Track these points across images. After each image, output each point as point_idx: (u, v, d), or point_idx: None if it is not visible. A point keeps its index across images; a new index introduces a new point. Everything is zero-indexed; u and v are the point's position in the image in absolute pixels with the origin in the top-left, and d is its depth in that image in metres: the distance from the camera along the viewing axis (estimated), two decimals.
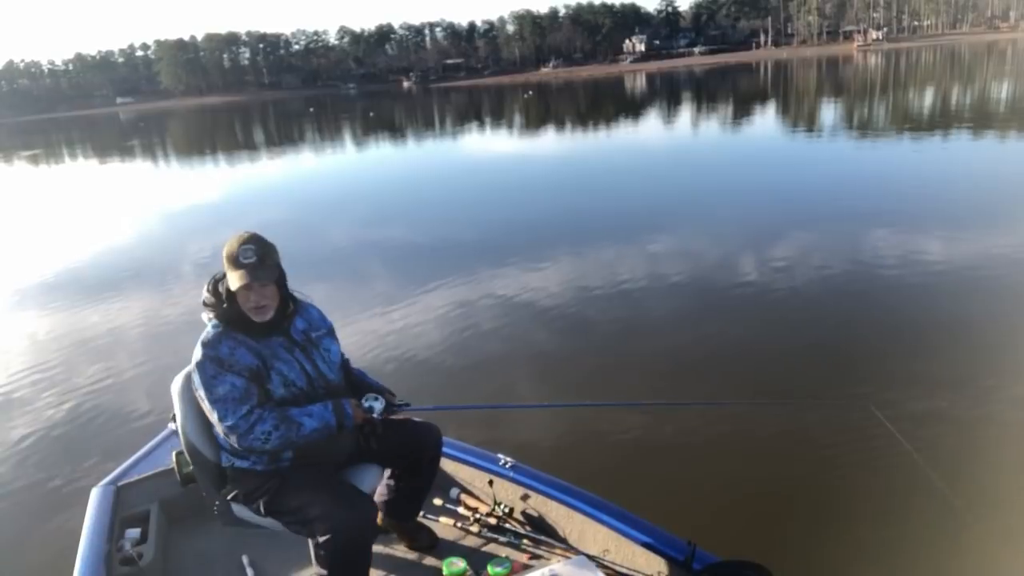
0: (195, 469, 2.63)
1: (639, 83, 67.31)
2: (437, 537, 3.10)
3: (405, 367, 5.99)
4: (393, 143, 30.02)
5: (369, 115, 50.94)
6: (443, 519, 3.18)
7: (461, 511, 3.20)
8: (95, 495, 3.25)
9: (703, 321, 6.63)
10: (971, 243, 8.21)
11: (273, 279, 2.50)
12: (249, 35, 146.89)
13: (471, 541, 3.06)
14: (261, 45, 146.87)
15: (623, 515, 2.79)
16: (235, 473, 2.59)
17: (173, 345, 6.97)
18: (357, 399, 2.67)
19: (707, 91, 48.71)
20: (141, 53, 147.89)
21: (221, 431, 2.46)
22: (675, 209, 11.87)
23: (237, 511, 2.64)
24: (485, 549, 3.00)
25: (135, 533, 3.08)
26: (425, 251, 10.06)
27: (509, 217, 12.21)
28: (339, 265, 9.49)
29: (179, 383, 2.63)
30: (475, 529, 3.10)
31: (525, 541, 2.98)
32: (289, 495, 2.51)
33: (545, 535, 2.98)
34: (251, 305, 2.48)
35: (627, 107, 39.87)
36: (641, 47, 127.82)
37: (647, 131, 26.25)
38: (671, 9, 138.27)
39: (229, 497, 2.61)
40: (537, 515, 3.07)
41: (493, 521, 3.09)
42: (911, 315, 6.29)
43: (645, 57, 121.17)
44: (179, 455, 2.69)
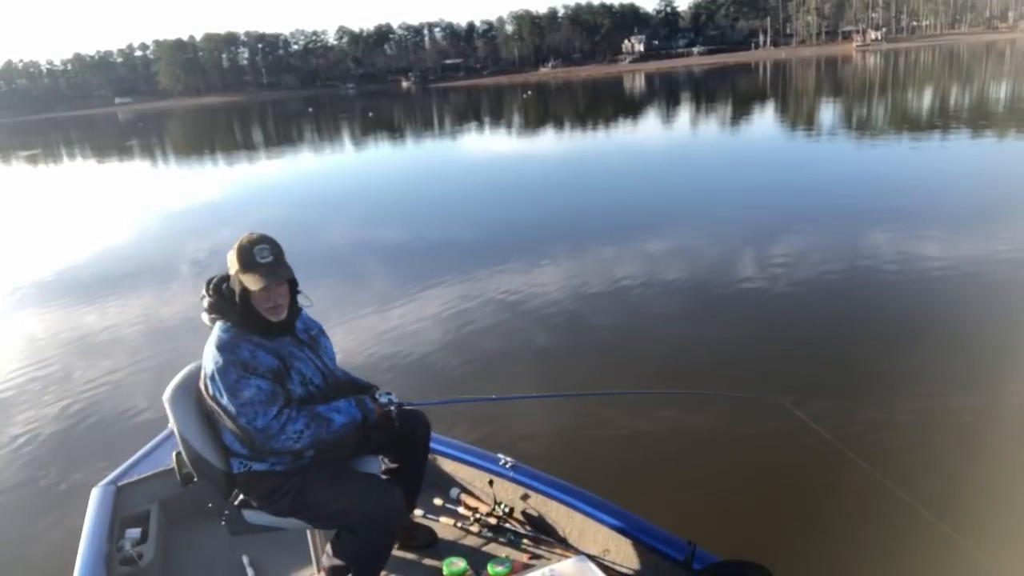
0: (201, 481, 2.55)
1: (638, 83, 67.32)
2: (436, 535, 3.11)
3: (404, 364, 6.00)
4: (392, 143, 30.00)
5: (368, 115, 50.90)
6: (443, 519, 3.18)
7: (461, 511, 3.20)
8: (95, 495, 3.25)
9: (704, 319, 6.62)
10: (966, 243, 8.22)
11: (288, 277, 2.50)
12: (248, 35, 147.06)
13: (471, 541, 3.07)
14: (260, 45, 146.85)
15: (623, 515, 2.79)
16: (250, 477, 2.52)
17: (173, 345, 6.97)
18: (365, 394, 2.69)
19: (706, 91, 48.69)
20: (140, 53, 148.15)
21: (246, 435, 2.39)
22: (672, 209, 11.86)
23: (250, 517, 2.57)
24: (485, 549, 3.00)
25: (135, 533, 3.08)
26: (424, 251, 10.06)
27: (507, 217, 12.21)
28: (338, 264, 9.48)
29: (173, 392, 2.51)
30: (475, 529, 3.10)
31: (525, 541, 2.98)
32: (315, 490, 2.51)
33: (545, 535, 2.99)
34: (269, 305, 2.46)
35: (626, 107, 39.87)
36: (640, 47, 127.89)
37: (646, 131, 26.25)
38: (670, 9, 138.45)
39: (237, 502, 2.55)
40: (537, 515, 3.07)
41: (493, 521, 3.09)
42: (927, 317, 6.30)
43: (644, 57, 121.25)
44: (179, 455, 2.67)
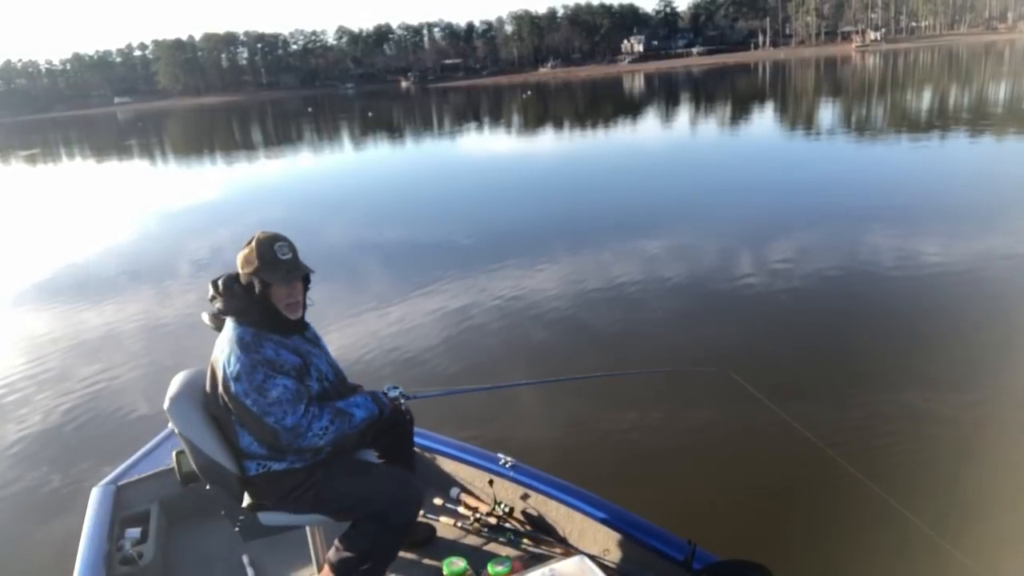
0: (213, 488, 2.47)
1: (637, 83, 67.32)
2: (435, 530, 3.11)
3: (404, 360, 6.02)
4: (391, 143, 30.00)
5: (368, 115, 50.89)
6: (443, 519, 3.18)
7: (461, 511, 3.20)
8: (95, 495, 3.25)
9: (703, 319, 6.63)
10: (964, 243, 8.23)
11: (310, 272, 2.53)
12: (247, 35, 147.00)
13: (471, 541, 3.07)
14: (259, 45, 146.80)
15: (623, 515, 2.79)
16: (269, 478, 2.48)
17: (172, 345, 6.98)
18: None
19: (705, 92, 48.70)
20: (139, 53, 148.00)
21: (272, 435, 2.36)
22: (670, 209, 11.85)
23: (265, 519, 2.53)
24: (485, 549, 3.00)
25: (135, 533, 3.08)
26: (424, 250, 10.05)
27: (506, 216, 12.21)
28: (337, 264, 9.47)
29: (175, 400, 2.43)
30: (475, 529, 3.10)
31: (525, 541, 2.98)
32: (338, 482, 2.52)
33: (545, 535, 2.99)
34: (290, 301, 2.47)
35: (625, 107, 39.86)
36: (639, 47, 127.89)
37: (645, 132, 26.24)
38: (669, 9, 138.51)
39: (251, 506, 2.49)
40: (537, 515, 3.07)
41: (493, 521, 3.09)
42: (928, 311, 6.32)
43: (643, 57, 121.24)
44: (179, 455, 2.66)
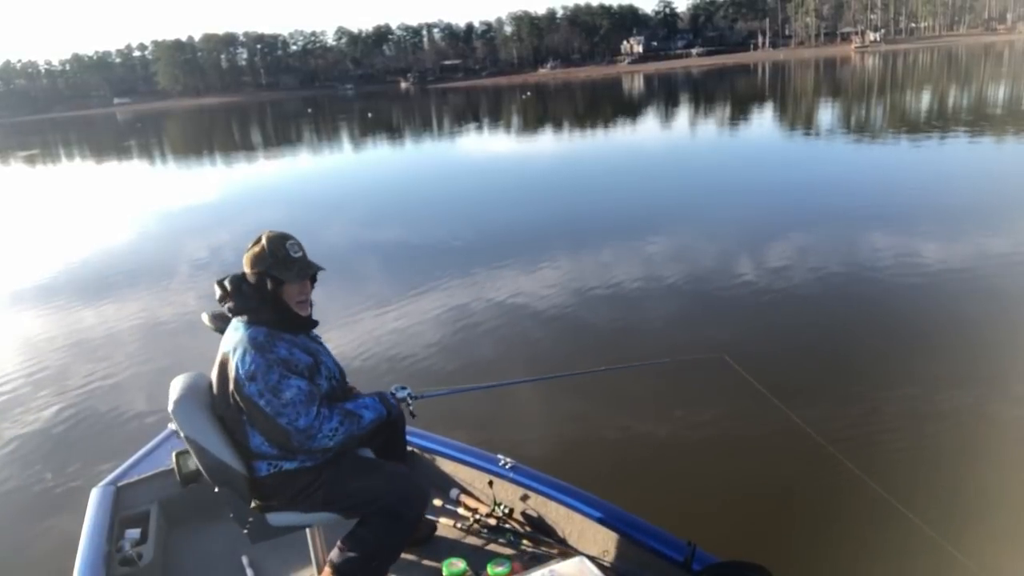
0: (223, 491, 2.42)
1: (637, 84, 67.33)
2: (435, 527, 3.11)
3: (405, 359, 6.01)
4: (391, 144, 30.00)
5: (367, 116, 50.87)
6: (443, 519, 3.18)
7: (461, 511, 3.20)
8: (95, 495, 3.25)
9: (701, 318, 6.64)
10: (963, 241, 8.24)
11: (321, 269, 2.53)
12: (247, 36, 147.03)
13: (471, 541, 3.07)
14: (259, 46, 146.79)
15: (623, 515, 2.79)
16: (280, 478, 2.46)
17: (172, 345, 6.98)
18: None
19: (705, 92, 48.73)
20: (138, 53, 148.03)
21: (284, 435, 2.34)
22: (669, 208, 11.85)
23: (274, 520, 2.51)
24: (485, 549, 3.00)
25: (135, 533, 3.08)
26: (423, 250, 10.05)
27: (506, 217, 12.21)
28: (337, 264, 9.47)
29: (179, 403, 2.39)
30: (475, 529, 3.10)
31: (525, 541, 2.98)
32: (348, 479, 2.52)
33: (545, 535, 2.99)
34: (301, 299, 2.48)
35: (625, 108, 39.87)
36: (639, 48, 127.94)
37: (644, 132, 26.24)
38: (669, 10, 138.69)
39: (259, 507, 2.47)
40: (537, 515, 3.07)
41: (493, 521, 3.09)
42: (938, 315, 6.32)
43: (643, 58, 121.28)
44: (179, 455, 2.67)
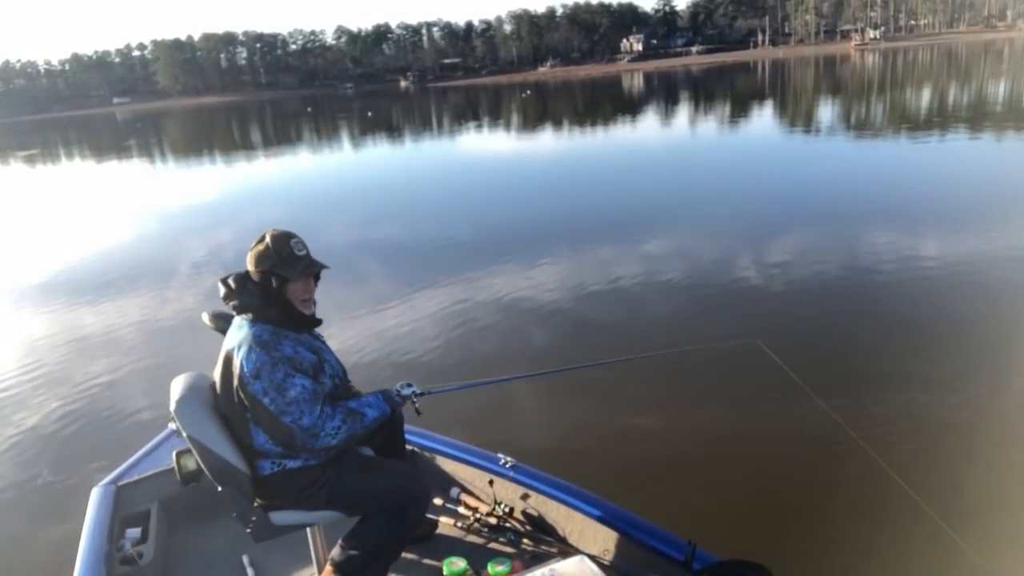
0: (226, 491, 2.40)
1: (636, 82, 67.30)
2: (436, 524, 3.11)
3: (406, 358, 6.01)
4: (391, 143, 29.98)
5: (367, 115, 50.84)
6: (443, 519, 3.18)
7: (461, 511, 3.20)
8: (95, 495, 3.25)
9: (702, 318, 6.64)
10: (967, 240, 8.24)
11: (325, 267, 2.54)
12: (246, 35, 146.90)
13: (472, 540, 3.07)
14: (258, 45, 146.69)
15: (623, 515, 2.79)
16: (284, 476, 2.46)
17: (172, 345, 6.97)
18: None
19: (704, 90, 48.70)
20: (138, 53, 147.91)
21: (287, 434, 2.34)
22: (668, 207, 11.85)
23: (277, 519, 2.51)
24: (486, 548, 3.00)
25: (135, 533, 3.08)
26: (423, 249, 10.06)
27: (507, 215, 12.21)
28: (337, 263, 9.45)
29: (181, 403, 2.38)
30: (475, 529, 3.10)
31: (525, 541, 2.98)
32: (351, 477, 2.52)
33: (545, 535, 2.99)
34: (304, 297, 2.49)
35: (625, 106, 39.86)
36: (638, 46, 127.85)
37: (644, 130, 26.22)
38: (668, 8, 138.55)
39: (262, 506, 2.47)
40: (537, 515, 3.07)
41: (493, 521, 3.09)
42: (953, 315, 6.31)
43: (642, 56, 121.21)
44: (180, 455, 2.67)
